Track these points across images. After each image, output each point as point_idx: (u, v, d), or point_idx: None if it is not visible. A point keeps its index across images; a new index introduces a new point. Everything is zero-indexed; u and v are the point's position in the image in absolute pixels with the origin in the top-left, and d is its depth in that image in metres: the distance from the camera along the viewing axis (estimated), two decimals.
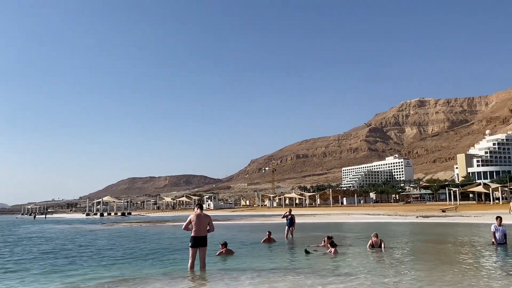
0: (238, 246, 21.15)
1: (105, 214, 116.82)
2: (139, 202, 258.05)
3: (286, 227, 24.57)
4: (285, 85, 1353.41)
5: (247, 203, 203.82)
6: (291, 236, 24.31)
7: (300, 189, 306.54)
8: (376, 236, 18.63)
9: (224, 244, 17.45)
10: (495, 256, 16.55)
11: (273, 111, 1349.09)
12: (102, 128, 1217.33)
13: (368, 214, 67.96)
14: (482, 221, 38.74)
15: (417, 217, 53.10)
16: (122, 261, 16.82)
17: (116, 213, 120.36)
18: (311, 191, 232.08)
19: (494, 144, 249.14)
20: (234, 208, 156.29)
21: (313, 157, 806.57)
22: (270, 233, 22.67)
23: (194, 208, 13.80)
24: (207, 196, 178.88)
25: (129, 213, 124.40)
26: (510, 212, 35.18)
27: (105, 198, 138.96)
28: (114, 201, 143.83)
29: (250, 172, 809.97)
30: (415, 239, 25.25)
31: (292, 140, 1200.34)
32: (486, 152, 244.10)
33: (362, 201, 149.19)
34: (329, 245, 17.37)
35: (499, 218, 19.15)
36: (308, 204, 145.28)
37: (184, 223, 13.22)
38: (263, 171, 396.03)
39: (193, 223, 13.01)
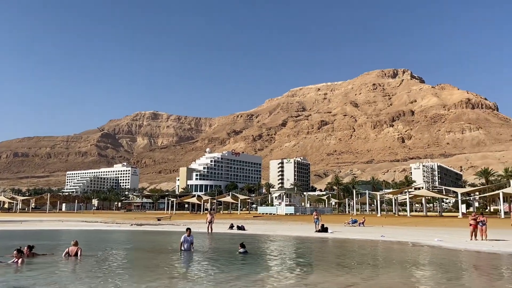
0: None
1: None
2: None
3: None
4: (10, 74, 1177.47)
5: None
6: None
7: (13, 192, 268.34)
8: (76, 244, 18.10)
9: None
10: (177, 261, 18.61)
11: None
12: None
13: (86, 222, 65.68)
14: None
15: (131, 225, 54.51)
16: None
17: None
18: (27, 194, 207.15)
19: (211, 161, 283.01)
20: None
21: (35, 157, 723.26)
22: None
23: None
24: None
25: None
26: (206, 222, 40.22)
27: None
28: None
29: None
30: (119, 246, 25.87)
31: (11, 136, 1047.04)
32: (204, 168, 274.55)
33: (83, 208, 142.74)
34: (15, 255, 15.72)
35: (188, 230, 21.82)
36: (20, 209, 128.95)
37: None
38: None
39: None
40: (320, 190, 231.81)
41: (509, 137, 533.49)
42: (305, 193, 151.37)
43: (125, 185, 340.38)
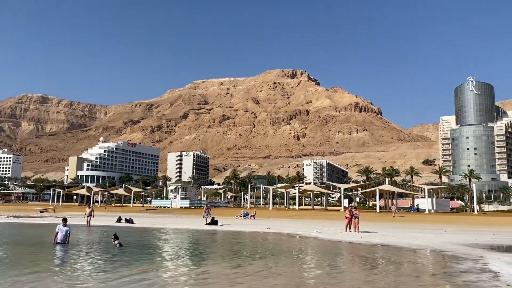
0: None
1: None
2: None
3: None
4: None
5: None
6: None
7: None
8: None
9: None
10: (49, 255, 17.60)
11: None
12: None
13: None
14: (70, 222, 40.64)
15: (7, 217, 50.00)
16: None
17: None
18: None
19: (105, 151, 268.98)
20: None
21: None
22: None
23: None
24: None
25: None
26: (85, 216, 37.76)
27: None
28: None
29: None
30: None
31: None
32: (96, 158, 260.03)
33: None
34: None
35: (64, 220, 20.83)
36: None
37: None
38: None
39: None
40: (218, 184, 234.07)
41: (389, 139, 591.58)
42: (202, 186, 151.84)
43: (5, 174, 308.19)
